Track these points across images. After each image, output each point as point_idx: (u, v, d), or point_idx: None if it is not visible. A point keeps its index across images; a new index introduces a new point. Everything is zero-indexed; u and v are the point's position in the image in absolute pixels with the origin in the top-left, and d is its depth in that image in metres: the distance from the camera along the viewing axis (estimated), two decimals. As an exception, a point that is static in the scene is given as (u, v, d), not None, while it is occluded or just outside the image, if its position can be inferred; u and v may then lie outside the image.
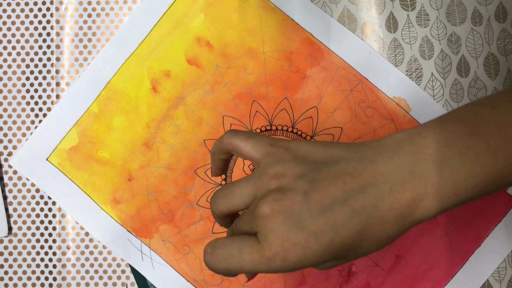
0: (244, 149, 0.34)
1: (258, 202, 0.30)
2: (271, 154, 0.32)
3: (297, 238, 0.29)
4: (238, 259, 0.30)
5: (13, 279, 0.49)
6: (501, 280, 0.48)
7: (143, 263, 0.48)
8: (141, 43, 0.48)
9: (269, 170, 0.31)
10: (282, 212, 0.30)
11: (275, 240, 0.29)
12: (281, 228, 0.29)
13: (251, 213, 0.31)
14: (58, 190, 0.48)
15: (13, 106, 0.49)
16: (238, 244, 0.31)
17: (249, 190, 0.32)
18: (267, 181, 0.31)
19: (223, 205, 0.33)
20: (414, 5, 0.48)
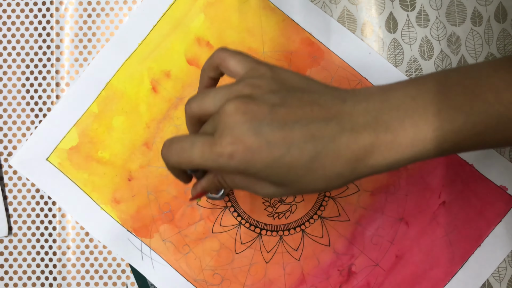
0: (230, 62, 0.35)
1: (227, 101, 0.31)
2: (254, 69, 0.34)
3: (250, 142, 0.30)
4: (188, 153, 0.32)
5: (13, 279, 0.49)
6: (501, 280, 0.48)
7: (143, 263, 0.48)
8: (141, 43, 0.48)
9: (247, 80, 0.33)
10: (245, 114, 0.30)
11: (229, 137, 0.30)
12: (238, 128, 0.30)
13: (217, 112, 0.32)
14: (58, 190, 0.48)
15: (13, 106, 0.49)
16: (192, 139, 0.32)
17: (223, 93, 0.33)
18: (242, 87, 0.32)
19: (195, 105, 0.34)
20: (414, 6, 0.48)
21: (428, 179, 0.48)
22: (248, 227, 0.48)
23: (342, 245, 0.48)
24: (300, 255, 0.48)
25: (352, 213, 0.48)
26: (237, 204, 0.48)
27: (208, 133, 0.32)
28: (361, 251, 0.48)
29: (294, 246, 0.48)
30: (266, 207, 0.48)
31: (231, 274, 0.48)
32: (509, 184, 0.48)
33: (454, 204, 0.48)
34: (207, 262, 0.48)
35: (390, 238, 0.48)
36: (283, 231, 0.48)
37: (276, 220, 0.48)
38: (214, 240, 0.48)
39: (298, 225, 0.48)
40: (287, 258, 0.48)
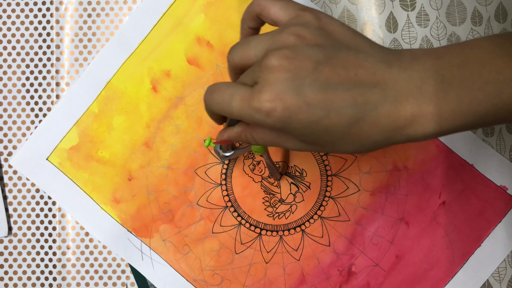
0: (271, 10, 0.33)
1: (269, 52, 0.30)
2: (299, 16, 0.32)
3: (290, 101, 0.29)
4: (228, 104, 0.31)
5: (13, 279, 0.49)
6: (501, 280, 0.48)
7: (143, 263, 0.48)
8: (141, 43, 0.48)
9: (291, 28, 0.31)
10: (287, 71, 0.29)
11: (269, 94, 0.29)
12: (279, 86, 0.29)
13: (258, 63, 0.30)
14: (58, 190, 0.48)
15: (13, 106, 0.49)
16: (232, 90, 0.31)
17: (265, 42, 0.31)
18: (285, 36, 0.30)
19: (237, 54, 0.33)
20: (414, 5, 0.48)
21: (428, 179, 0.48)
22: (248, 227, 0.48)
23: (342, 245, 0.48)
24: (300, 255, 0.48)
25: (352, 213, 0.48)
26: (237, 204, 0.48)
27: (248, 84, 0.31)
28: (361, 251, 0.48)
29: (294, 246, 0.48)
30: (266, 207, 0.48)
31: (231, 274, 0.48)
32: (509, 184, 0.48)
33: (454, 204, 0.48)
34: (207, 262, 0.48)
35: (390, 238, 0.48)
36: (283, 231, 0.48)
37: (276, 220, 0.48)
38: (214, 240, 0.48)
39: (298, 225, 0.48)
40: (287, 258, 0.48)
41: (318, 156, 0.48)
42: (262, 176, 0.48)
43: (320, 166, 0.48)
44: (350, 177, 0.48)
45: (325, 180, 0.48)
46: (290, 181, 0.48)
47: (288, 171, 0.48)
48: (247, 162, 0.48)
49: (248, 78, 0.32)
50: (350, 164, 0.48)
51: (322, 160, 0.48)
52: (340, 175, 0.48)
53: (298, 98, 0.29)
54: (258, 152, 0.42)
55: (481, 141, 0.48)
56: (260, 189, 0.48)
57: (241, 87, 0.31)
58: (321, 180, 0.48)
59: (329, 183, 0.48)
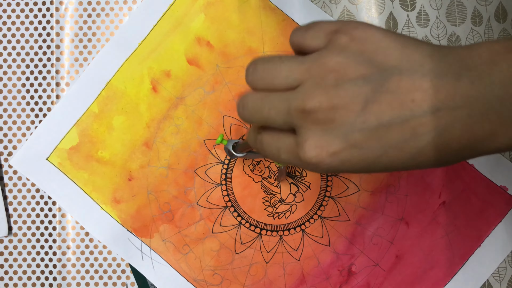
0: (305, 42, 0.29)
1: (308, 94, 0.26)
2: (334, 41, 0.27)
3: (337, 149, 0.26)
4: (278, 159, 0.29)
5: (13, 279, 0.49)
6: (501, 280, 0.48)
7: (143, 262, 0.48)
8: (141, 43, 0.48)
9: (329, 59, 0.27)
10: (332, 120, 0.26)
11: (314, 147, 0.26)
12: (324, 136, 0.26)
13: (295, 104, 0.27)
14: (58, 190, 0.48)
15: (13, 106, 0.49)
16: (277, 145, 0.29)
17: (299, 74, 0.27)
18: (323, 72, 0.27)
19: (261, 81, 0.29)
20: (414, 5, 0.48)
21: (428, 179, 0.48)
22: (248, 227, 0.48)
23: (342, 245, 0.48)
24: (300, 255, 0.48)
25: (352, 213, 0.48)
26: (237, 204, 0.48)
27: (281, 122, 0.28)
28: (361, 251, 0.48)
29: (294, 246, 0.48)
30: (266, 207, 0.48)
31: (231, 274, 0.48)
32: (509, 184, 0.48)
33: (454, 204, 0.48)
34: (207, 262, 0.48)
35: (390, 238, 0.48)
36: (283, 231, 0.48)
37: (276, 220, 0.48)
38: (214, 240, 0.48)
39: (298, 225, 0.48)
40: (287, 258, 0.48)
41: (318, 156, 0.48)
42: (262, 176, 0.48)
43: (320, 166, 0.48)
44: (350, 177, 0.48)
45: (325, 180, 0.48)
46: (290, 181, 0.48)
47: (288, 171, 0.48)
48: (247, 162, 0.48)
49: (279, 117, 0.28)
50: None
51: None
52: (340, 175, 0.48)
53: (346, 145, 0.26)
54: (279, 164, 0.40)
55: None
56: (260, 189, 0.48)
57: (284, 138, 0.28)
58: (321, 180, 0.48)
59: (329, 183, 0.48)
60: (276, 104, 0.28)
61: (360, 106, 0.26)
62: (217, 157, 0.48)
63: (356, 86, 0.26)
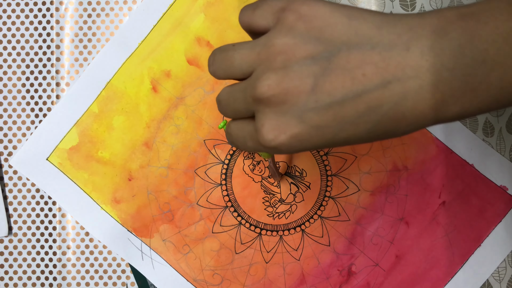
0: (254, 23, 0.29)
1: (258, 80, 0.27)
2: (281, 20, 0.27)
3: (295, 130, 0.26)
4: (245, 147, 0.30)
5: (13, 279, 0.49)
6: (501, 280, 0.48)
7: (143, 262, 0.48)
8: (141, 43, 0.48)
9: (276, 41, 0.27)
10: (284, 101, 0.26)
11: (271, 130, 0.27)
12: (279, 118, 0.26)
13: (249, 92, 0.27)
14: (58, 190, 0.48)
15: (13, 106, 0.49)
16: (241, 133, 0.29)
17: (251, 60, 0.28)
18: (272, 55, 0.26)
19: (221, 71, 0.29)
20: (414, 5, 0.48)
21: (428, 179, 0.48)
22: (248, 227, 0.48)
23: (342, 245, 0.48)
24: (300, 255, 0.48)
25: (352, 213, 0.48)
26: (237, 204, 0.48)
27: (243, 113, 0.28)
28: (361, 251, 0.48)
29: (294, 246, 0.48)
30: (266, 207, 0.48)
31: (231, 274, 0.48)
32: (509, 184, 0.48)
33: (454, 204, 0.48)
34: (207, 262, 0.48)
35: (390, 238, 0.48)
36: (283, 231, 0.48)
37: (276, 220, 0.48)
38: (214, 240, 0.48)
39: (298, 225, 0.48)
40: (287, 258, 0.48)
41: (318, 156, 0.48)
42: (262, 176, 0.48)
43: (320, 166, 0.48)
44: (350, 177, 0.48)
45: (325, 180, 0.48)
46: (290, 181, 0.48)
47: (288, 171, 0.48)
48: (247, 162, 0.48)
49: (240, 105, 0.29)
50: (350, 164, 0.48)
51: (322, 160, 0.48)
52: (340, 175, 0.48)
53: (303, 125, 0.26)
54: (264, 156, 0.42)
55: (481, 141, 0.48)
56: (260, 189, 0.48)
57: (247, 126, 0.29)
58: (321, 180, 0.48)
59: (329, 183, 0.48)
60: (237, 94, 0.29)
61: (310, 86, 0.26)
62: (217, 157, 0.48)
63: (304, 66, 0.26)
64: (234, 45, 0.29)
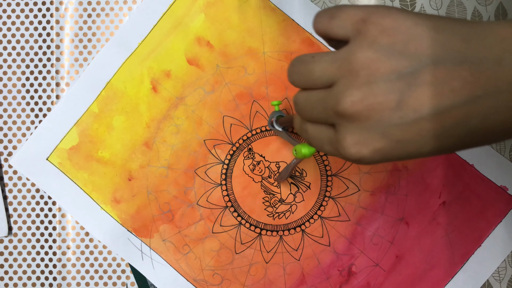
0: (331, 31, 0.28)
1: (341, 95, 0.26)
2: (362, 33, 0.26)
3: (378, 145, 0.26)
4: (322, 148, 0.29)
5: (13, 279, 0.49)
6: (501, 280, 0.48)
7: (143, 262, 0.48)
8: (141, 43, 0.48)
9: (359, 55, 0.26)
10: (367, 118, 0.25)
11: (353, 144, 0.26)
12: (362, 134, 0.26)
13: (330, 105, 0.27)
14: (58, 190, 0.48)
15: (13, 106, 0.49)
16: (319, 136, 0.29)
17: (331, 73, 0.27)
18: (355, 70, 0.26)
19: (300, 82, 0.29)
20: (414, 5, 0.48)
21: (428, 179, 0.48)
22: (248, 227, 0.48)
23: (342, 245, 0.48)
24: (300, 255, 0.48)
25: (352, 213, 0.48)
26: (237, 204, 0.48)
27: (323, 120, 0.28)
28: (361, 251, 0.48)
29: (294, 246, 0.48)
30: (266, 207, 0.48)
31: (231, 274, 0.48)
32: (509, 184, 0.48)
33: (454, 204, 0.48)
34: (207, 262, 0.48)
35: (390, 238, 0.48)
36: (283, 231, 0.48)
37: (276, 220, 0.48)
38: (214, 240, 0.48)
39: (298, 225, 0.48)
40: (287, 258, 0.48)
41: (318, 156, 0.48)
42: (262, 176, 0.48)
43: (320, 166, 0.48)
44: (350, 177, 0.48)
45: (325, 180, 0.48)
46: (290, 181, 0.48)
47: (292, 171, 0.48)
48: (247, 162, 0.48)
49: (320, 114, 0.28)
50: (350, 164, 0.48)
51: (322, 160, 0.48)
52: (340, 175, 0.48)
53: (386, 140, 0.26)
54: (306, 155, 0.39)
55: (481, 141, 0.48)
56: (260, 189, 0.48)
57: (325, 131, 0.28)
58: (321, 180, 0.48)
59: (329, 183, 0.48)
60: (316, 104, 0.28)
61: (395, 102, 0.25)
62: (217, 157, 0.48)
63: (389, 81, 0.25)
64: (313, 56, 0.28)
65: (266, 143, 0.48)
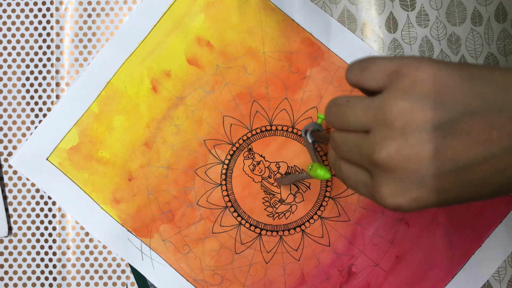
0: (363, 83, 0.28)
1: (377, 145, 0.26)
2: (395, 84, 0.26)
3: (415, 194, 0.26)
4: (357, 190, 0.29)
5: (13, 279, 0.49)
6: (501, 280, 0.48)
7: (143, 262, 0.48)
8: (141, 43, 0.48)
9: (393, 106, 0.25)
10: (402, 165, 0.25)
11: (390, 194, 0.26)
12: (399, 183, 0.26)
13: (366, 153, 0.27)
14: (58, 190, 0.48)
15: (13, 106, 0.49)
16: (355, 178, 0.29)
17: (366, 120, 0.27)
18: (389, 120, 0.25)
19: (336, 124, 0.29)
20: (414, 5, 0.48)
21: (428, 179, 0.48)
22: (248, 227, 0.48)
23: (342, 245, 0.48)
24: (300, 255, 0.48)
25: (352, 213, 0.48)
26: (237, 204, 0.48)
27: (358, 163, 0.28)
28: (361, 251, 0.48)
29: (294, 246, 0.48)
30: (266, 207, 0.48)
31: (231, 274, 0.48)
32: (509, 184, 0.48)
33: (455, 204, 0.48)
34: (207, 262, 0.48)
35: (390, 238, 0.48)
36: (283, 231, 0.48)
37: (276, 220, 0.48)
38: (214, 240, 0.48)
39: (298, 225, 0.48)
40: (287, 258, 0.48)
41: (318, 156, 0.48)
42: (262, 176, 0.48)
43: (320, 166, 0.48)
44: (350, 177, 0.48)
45: (325, 180, 0.48)
46: (290, 181, 0.48)
47: (288, 171, 0.48)
48: (247, 162, 0.48)
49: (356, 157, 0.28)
50: (350, 164, 0.48)
51: (322, 160, 0.48)
52: (340, 175, 0.48)
53: (423, 190, 0.25)
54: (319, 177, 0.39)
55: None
56: (260, 189, 0.48)
57: (361, 174, 0.28)
58: (321, 180, 0.48)
59: (329, 183, 0.48)
60: (352, 148, 0.28)
61: (431, 152, 0.25)
62: (217, 157, 0.48)
63: (424, 132, 0.25)
64: (348, 101, 0.28)
65: (266, 143, 0.48)
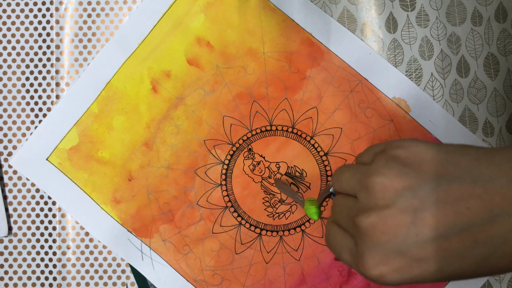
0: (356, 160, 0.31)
1: (360, 214, 0.27)
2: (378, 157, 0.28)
3: (396, 264, 0.26)
4: (340, 256, 0.30)
5: (13, 279, 0.49)
6: (501, 280, 0.48)
7: (143, 263, 0.48)
8: (141, 43, 0.48)
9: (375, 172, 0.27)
10: (384, 233, 0.26)
11: (371, 261, 0.27)
12: (380, 250, 0.26)
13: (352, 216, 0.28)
14: (58, 190, 0.48)
15: (13, 106, 0.49)
16: (340, 242, 0.29)
17: (353, 183, 0.29)
18: (371, 185, 0.27)
19: (334, 186, 0.32)
20: (414, 6, 0.48)
21: (428, 179, 0.48)
22: (248, 227, 0.48)
23: (342, 245, 0.48)
24: (300, 255, 0.48)
25: (352, 213, 0.48)
26: (237, 204, 0.48)
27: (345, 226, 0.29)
28: (361, 251, 0.48)
29: (294, 247, 0.48)
30: (266, 207, 0.48)
31: (231, 274, 0.48)
32: (509, 185, 0.48)
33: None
34: (207, 262, 0.48)
35: (390, 238, 0.48)
36: (283, 231, 0.48)
37: (276, 220, 0.48)
38: (214, 240, 0.48)
39: (298, 226, 0.48)
40: (287, 258, 0.48)
41: (318, 156, 0.48)
42: (262, 177, 0.48)
43: (320, 166, 0.48)
44: (350, 177, 0.48)
45: (325, 180, 0.48)
46: (290, 181, 0.48)
47: (288, 171, 0.48)
48: (247, 163, 0.48)
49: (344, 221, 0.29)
50: (350, 164, 0.48)
51: (322, 160, 0.48)
52: (340, 175, 0.48)
53: (403, 259, 0.26)
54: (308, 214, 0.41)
55: (481, 141, 0.48)
56: (260, 190, 0.48)
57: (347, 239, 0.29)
58: (321, 180, 0.48)
59: (329, 183, 0.48)
60: (342, 209, 0.30)
61: (410, 218, 0.25)
62: (217, 157, 0.48)
63: (403, 197, 0.26)
64: (345, 166, 0.31)
65: (266, 143, 0.48)
